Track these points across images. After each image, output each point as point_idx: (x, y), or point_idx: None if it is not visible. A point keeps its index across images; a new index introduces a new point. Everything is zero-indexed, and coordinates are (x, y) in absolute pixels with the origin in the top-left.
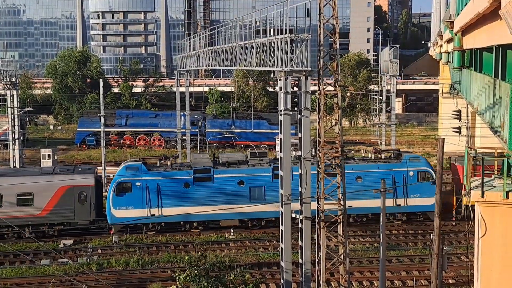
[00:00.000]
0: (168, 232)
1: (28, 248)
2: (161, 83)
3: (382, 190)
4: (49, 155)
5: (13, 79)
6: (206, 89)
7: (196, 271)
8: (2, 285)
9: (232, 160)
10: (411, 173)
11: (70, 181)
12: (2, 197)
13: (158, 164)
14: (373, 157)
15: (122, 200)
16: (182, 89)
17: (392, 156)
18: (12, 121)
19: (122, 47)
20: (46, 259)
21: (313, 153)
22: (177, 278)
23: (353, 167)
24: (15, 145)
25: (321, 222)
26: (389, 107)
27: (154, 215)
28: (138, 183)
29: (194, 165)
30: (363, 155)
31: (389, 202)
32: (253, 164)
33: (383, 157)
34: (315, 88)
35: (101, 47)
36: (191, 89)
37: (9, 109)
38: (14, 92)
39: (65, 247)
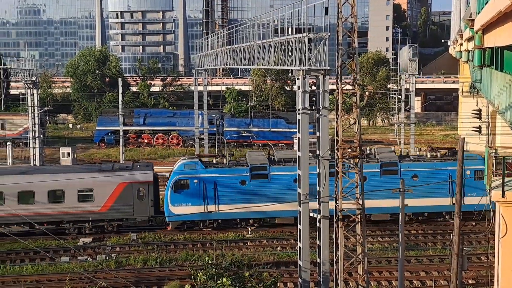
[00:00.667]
0: (224, 229)
1: (48, 246)
2: (179, 82)
3: (401, 190)
4: (68, 154)
5: (34, 78)
6: (223, 88)
7: (214, 270)
8: (23, 282)
9: (288, 158)
10: (468, 172)
11: (129, 177)
12: (63, 193)
13: (214, 162)
14: (428, 156)
15: (179, 197)
16: (200, 88)
17: (448, 154)
18: (33, 119)
19: (141, 46)
20: (65, 256)
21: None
22: (194, 276)
23: (409, 165)
24: (35, 143)
25: (339, 222)
26: (408, 106)
27: (211, 212)
28: (195, 180)
29: (250, 163)
30: (418, 153)
31: (446, 201)
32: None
33: (438, 155)
34: (333, 87)
35: (120, 46)
36: (209, 88)
37: (29, 107)
38: (35, 91)
39: (84, 245)
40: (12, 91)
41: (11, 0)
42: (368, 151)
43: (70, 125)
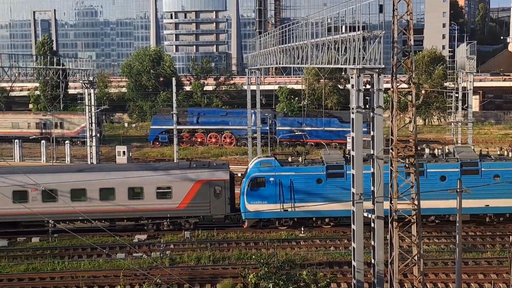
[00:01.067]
0: (297, 227)
1: (105, 242)
2: (232, 81)
3: (458, 190)
4: (124, 152)
5: (91, 78)
6: (276, 87)
7: (266, 269)
8: (81, 277)
9: (365, 157)
10: None
11: (206, 175)
12: (143, 190)
13: (290, 160)
14: (510, 155)
15: (256, 195)
16: (253, 87)
17: None
18: (90, 118)
19: (194, 46)
20: (121, 253)
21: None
22: (247, 275)
23: (491, 165)
24: (92, 142)
25: (394, 222)
26: (466, 105)
27: (287, 210)
28: (271, 179)
29: (326, 161)
30: (498, 153)
31: None
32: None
33: None
34: (388, 85)
35: (174, 46)
36: (262, 87)
37: (86, 107)
38: (92, 90)
39: (139, 242)
40: (70, 91)
41: (69, 3)
42: (446, 150)
43: (126, 124)
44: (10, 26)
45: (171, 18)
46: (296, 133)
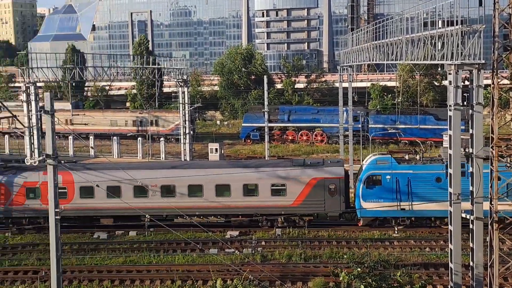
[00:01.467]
0: (416, 227)
1: (198, 237)
2: (323, 79)
3: None
4: (216, 149)
5: (184, 77)
6: (368, 84)
7: (359, 268)
8: (175, 271)
9: (486, 156)
10: None
11: (321, 173)
12: (257, 187)
13: (407, 158)
14: None
15: (371, 193)
16: (345, 85)
17: None
18: (183, 116)
19: (285, 44)
20: (214, 248)
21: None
22: (335, 274)
23: None
24: (185, 139)
25: (494, 224)
26: None
27: (404, 209)
28: (388, 176)
29: (446, 159)
30: None
31: None
32: None
33: None
34: (488, 81)
35: (265, 45)
36: (354, 84)
37: (180, 105)
38: (185, 89)
39: (231, 238)
40: (165, 90)
41: (164, 3)
42: None
43: (218, 122)
44: (109, 28)
45: (263, 16)
46: (390, 131)
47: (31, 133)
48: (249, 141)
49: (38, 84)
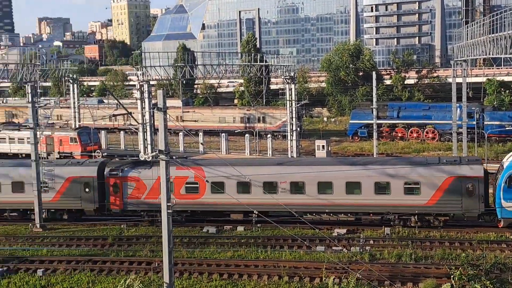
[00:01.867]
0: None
1: (305, 234)
2: (435, 74)
3: None
4: (323, 146)
5: (291, 74)
6: (484, 79)
7: (473, 271)
8: (282, 267)
9: None
10: None
11: (457, 171)
12: (389, 185)
13: None
14: None
15: None
16: (459, 80)
17: None
18: (290, 113)
19: (395, 39)
20: (321, 245)
21: None
22: (452, 276)
23: None
24: (292, 136)
25: None
26: None
27: None
28: None
29: None
30: None
31: None
32: None
33: None
34: None
35: (374, 40)
36: (468, 80)
37: (287, 102)
38: (292, 86)
39: (338, 236)
40: (272, 87)
41: (272, 1)
42: None
43: (325, 119)
44: (218, 26)
45: (372, 11)
46: (507, 128)
47: (145, 130)
48: (356, 138)
49: (151, 82)
